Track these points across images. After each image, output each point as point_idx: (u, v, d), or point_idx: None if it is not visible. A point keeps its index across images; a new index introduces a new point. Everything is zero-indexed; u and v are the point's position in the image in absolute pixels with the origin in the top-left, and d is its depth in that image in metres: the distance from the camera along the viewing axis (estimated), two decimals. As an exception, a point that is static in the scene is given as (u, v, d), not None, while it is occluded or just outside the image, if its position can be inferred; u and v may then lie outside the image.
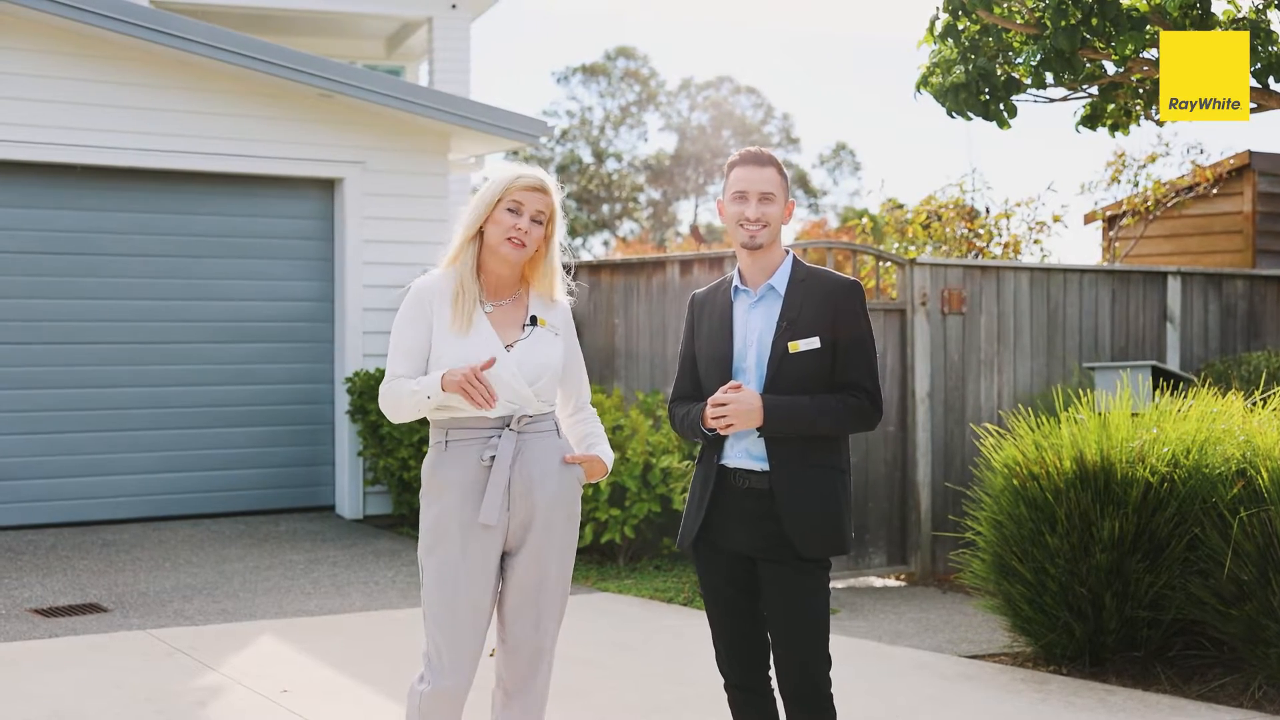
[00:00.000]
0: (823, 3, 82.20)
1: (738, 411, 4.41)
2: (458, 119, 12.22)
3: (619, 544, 9.97)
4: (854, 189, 49.98)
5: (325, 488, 12.42)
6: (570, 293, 4.77)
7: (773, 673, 4.68)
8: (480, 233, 4.51)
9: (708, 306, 4.73)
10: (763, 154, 4.60)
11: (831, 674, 4.57)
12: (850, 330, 4.54)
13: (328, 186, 12.42)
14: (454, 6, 18.89)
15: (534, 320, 4.57)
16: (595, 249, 46.10)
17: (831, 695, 4.55)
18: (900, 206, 14.23)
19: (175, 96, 11.59)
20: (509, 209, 4.46)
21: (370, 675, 7.08)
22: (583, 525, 9.80)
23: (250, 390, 12.16)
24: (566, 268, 4.74)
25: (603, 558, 10.23)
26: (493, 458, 4.42)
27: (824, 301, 4.54)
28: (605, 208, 47.34)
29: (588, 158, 47.88)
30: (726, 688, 4.77)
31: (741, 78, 73.90)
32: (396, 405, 4.49)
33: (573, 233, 46.59)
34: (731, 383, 4.45)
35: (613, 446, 9.79)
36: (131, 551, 10.46)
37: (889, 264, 10.65)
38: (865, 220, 15.80)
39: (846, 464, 4.63)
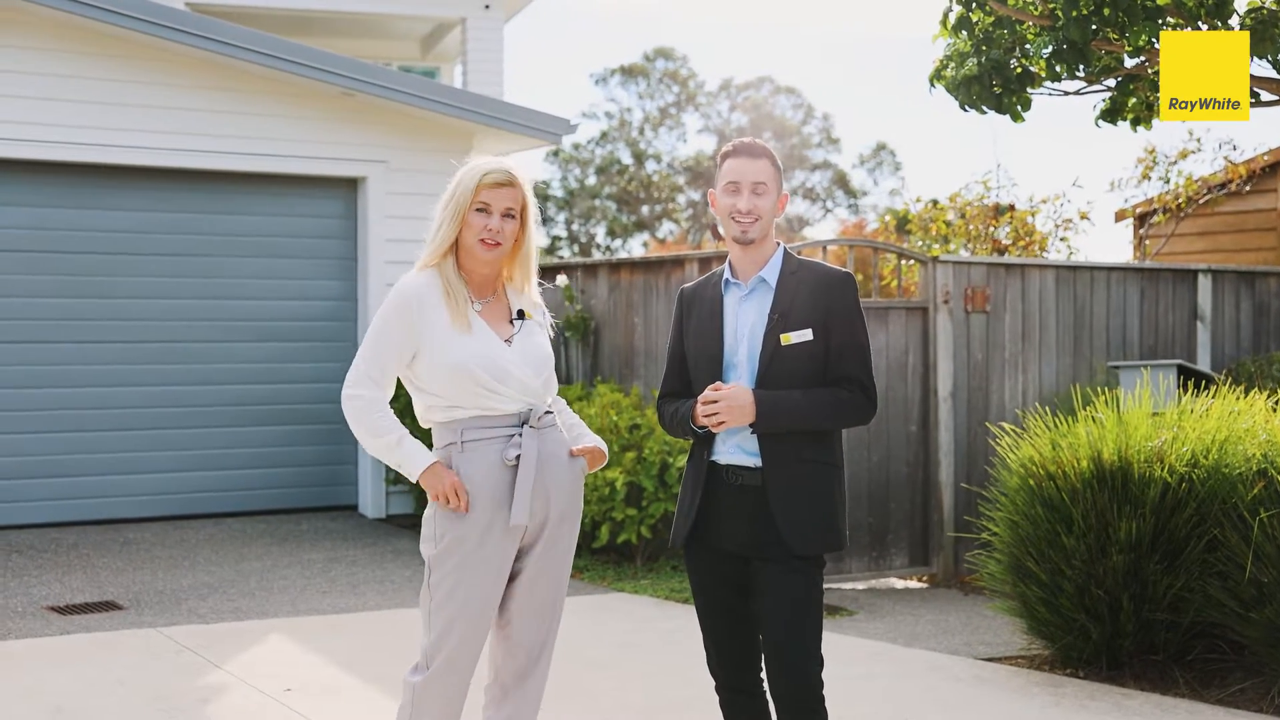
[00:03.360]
0: (864, 2, 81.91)
1: (730, 408, 4.33)
2: (480, 117, 12.18)
3: (635, 544, 9.89)
4: (894, 189, 49.69)
5: (348, 487, 12.40)
6: (541, 285, 4.71)
7: (764, 673, 4.60)
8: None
9: (697, 300, 4.63)
10: (756, 145, 4.52)
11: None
12: (843, 323, 4.45)
13: (351, 186, 12.41)
14: (487, 7, 18.89)
15: (521, 314, 4.50)
16: (635, 250, 46.02)
17: (823, 697, 4.45)
18: (935, 203, 14.10)
19: (198, 96, 11.60)
20: (478, 209, 4.37)
21: (376, 674, 7.03)
22: (599, 525, 9.76)
23: (273, 389, 12.16)
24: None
25: (620, 558, 10.16)
26: (518, 457, 4.35)
27: (816, 293, 4.44)
28: (644, 209, 47.23)
29: (627, 159, 47.78)
30: (718, 689, 4.69)
31: (782, 78, 73.58)
32: (370, 435, 4.36)
33: (611, 234, 46.53)
34: (717, 384, 4.37)
35: (630, 446, 9.73)
36: (152, 550, 10.46)
37: (912, 262, 10.53)
38: (889, 218, 15.69)
39: (840, 459, 4.54)
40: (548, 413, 4.47)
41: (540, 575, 4.48)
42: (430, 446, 4.45)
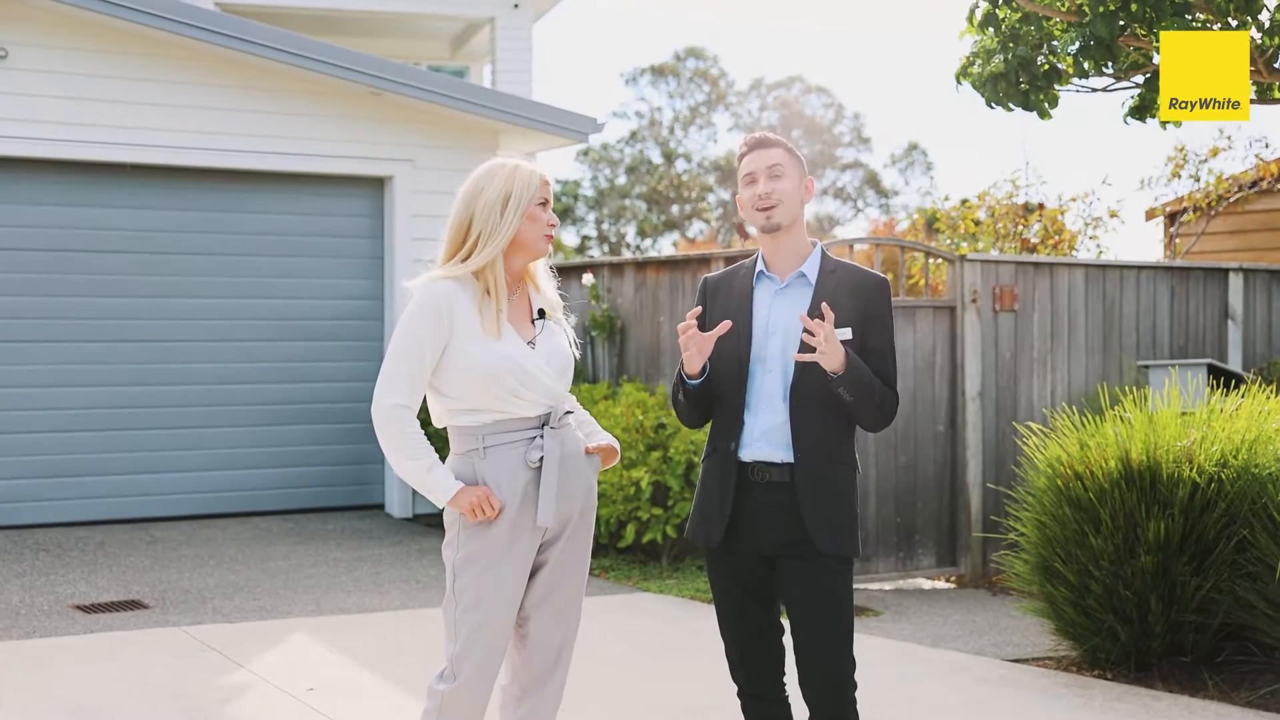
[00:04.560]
0: (896, 1, 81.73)
1: (832, 341, 4.17)
2: (506, 116, 12.18)
3: (661, 544, 9.86)
4: (926, 189, 49.56)
5: (375, 486, 12.40)
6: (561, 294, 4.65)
7: (787, 679, 4.54)
8: None
9: (722, 291, 4.53)
10: (768, 137, 4.47)
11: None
12: (879, 327, 4.40)
13: (378, 185, 12.41)
14: (516, 6, 18.90)
15: (541, 313, 4.46)
16: (665, 250, 45.98)
17: (855, 699, 4.38)
18: (965, 202, 14.02)
19: (226, 95, 11.62)
20: (540, 204, 4.34)
21: (398, 674, 7.02)
22: (625, 524, 9.73)
23: (301, 388, 12.17)
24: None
25: (645, 557, 10.12)
26: (541, 459, 4.31)
27: (855, 294, 4.37)
28: (675, 208, 47.21)
29: (657, 158, 47.77)
30: (740, 695, 4.62)
31: (812, 77, 73.60)
32: (403, 455, 4.27)
33: (641, 234, 46.50)
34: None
35: (656, 445, 9.70)
36: (179, 549, 10.47)
37: (939, 260, 10.47)
38: (917, 217, 15.63)
39: (857, 461, 4.49)
40: (567, 413, 4.43)
41: (560, 574, 4.44)
42: (443, 446, 4.41)
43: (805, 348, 4.25)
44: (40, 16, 10.95)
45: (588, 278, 11.06)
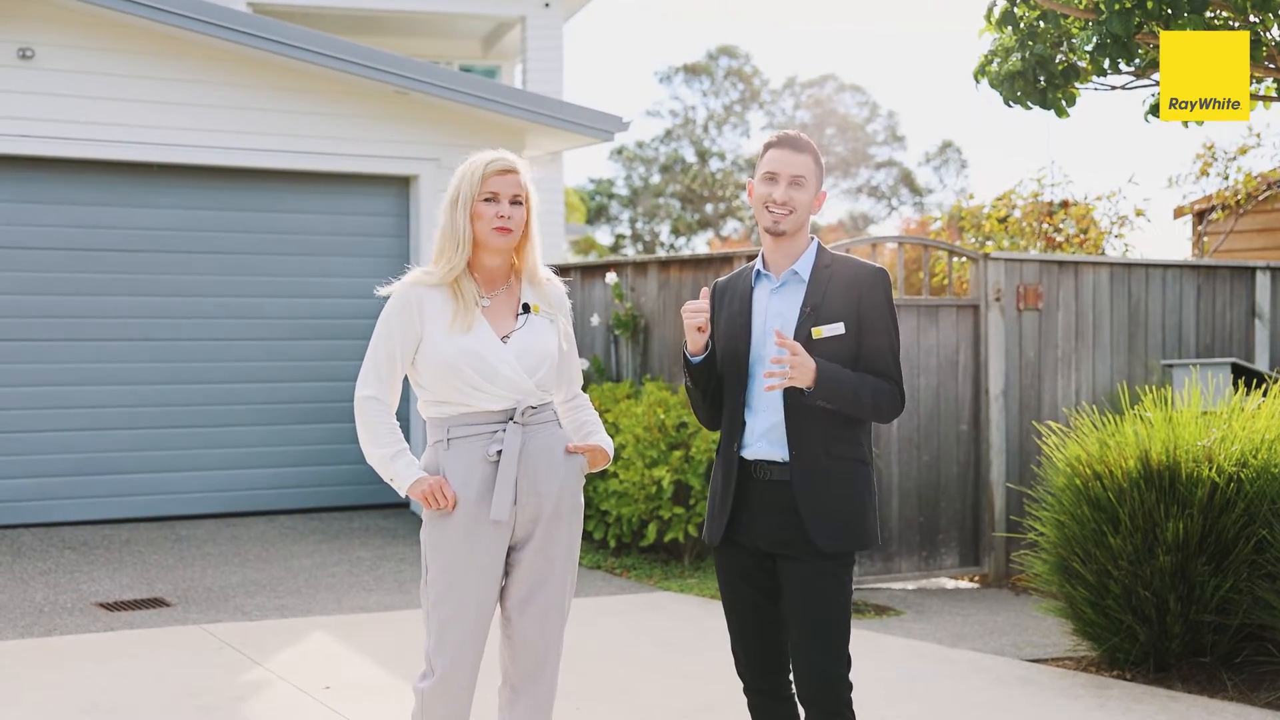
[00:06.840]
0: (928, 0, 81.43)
1: (801, 364, 4.20)
2: (531, 115, 12.18)
3: (682, 543, 9.85)
4: (961, 186, 49.39)
5: (400, 484, 12.40)
6: (564, 277, 4.67)
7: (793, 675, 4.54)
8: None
9: (729, 293, 4.58)
10: (800, 139, 4.45)
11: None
12: (876, 319, 4.39)
13: (403, 184, 12.44)
14: (547, 5, 18.95)
15: (526, 308, 4.45)
16: (699, 248, 45.93)
17: (850, 700, 4.38)
18: (998, 199, 13.96)
19: (251, 95, 11.66)
20: (486, 199, 4.35)
21: (415, 673, 7.02)
22: (646, 524, 9.72)
23: (327, 387, 12.19)
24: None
25: (667, 556, 10.12)
26: (499, 452, 4.32)
27: (849, 288, 4.38)
28: (708, 207, 47.18)
29: (690, 157, 47.75)
30: (746, 692, 4.64)
31: (846, 75, 73.42)
32: (372, 443, 4.42)
33: (676, 232, 46.50)
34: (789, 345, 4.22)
35: (678, 445, 9.69)
36: (203, 547, 10.52)
37: (963, 259, 10.43)
38: (941, 216, 15.55)
39: (868, 456, 4.47)
40: (533, 408, 4.40)
41: (538, 575, 4.44)
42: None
43: (799, 340, 4.30)
44: (66, 17, 11.02)
45: (611, 276, 11.05)
